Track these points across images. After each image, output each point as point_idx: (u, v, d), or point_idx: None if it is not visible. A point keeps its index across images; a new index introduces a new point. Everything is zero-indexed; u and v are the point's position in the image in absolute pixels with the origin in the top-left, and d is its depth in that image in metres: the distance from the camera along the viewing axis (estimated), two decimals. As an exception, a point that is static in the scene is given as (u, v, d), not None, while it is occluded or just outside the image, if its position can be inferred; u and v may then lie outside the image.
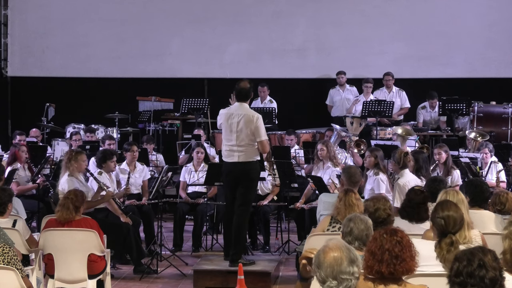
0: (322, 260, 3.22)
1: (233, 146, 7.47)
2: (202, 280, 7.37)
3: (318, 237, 5.88)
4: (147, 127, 12.73)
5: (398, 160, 7.59)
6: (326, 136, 11.11)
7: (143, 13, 14.06)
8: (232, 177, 7.54)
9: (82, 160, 7.76)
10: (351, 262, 3.20)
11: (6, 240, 5.42)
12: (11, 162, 9.16)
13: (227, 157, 7.57)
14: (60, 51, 14.17)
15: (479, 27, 13.52)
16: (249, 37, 13.91)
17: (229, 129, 7.50)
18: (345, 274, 3.18)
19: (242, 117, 7.45)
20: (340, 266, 3.19)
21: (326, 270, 3.21)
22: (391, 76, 12.53)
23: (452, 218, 4.44)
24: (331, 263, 3.20)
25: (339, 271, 3.19)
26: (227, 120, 7.52)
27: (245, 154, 7.45)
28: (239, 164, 7.47)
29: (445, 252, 4.34)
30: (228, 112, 7.57)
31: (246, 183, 7.51)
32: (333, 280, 3.19)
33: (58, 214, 6.24)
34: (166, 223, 9.44)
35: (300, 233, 8.88)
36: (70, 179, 7.58)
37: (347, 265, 3.19)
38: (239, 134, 7.43)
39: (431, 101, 12.44)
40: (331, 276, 3.19)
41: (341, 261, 3.20)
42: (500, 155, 9.87)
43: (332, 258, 3.21)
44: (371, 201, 5.15)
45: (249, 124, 7.42)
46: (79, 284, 6.28)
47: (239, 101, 7.56)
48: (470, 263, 3.21)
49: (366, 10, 13.70)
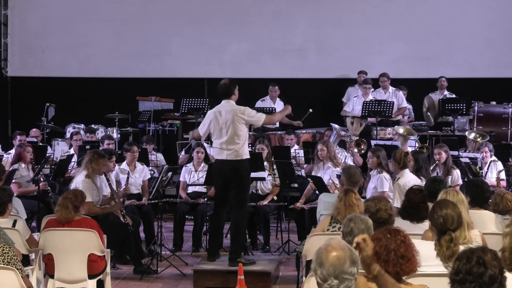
0: (324, 259, 3.22)
1: (222, 143, 7.46)
2: (202, 280, 7.37)
3: (318, 237, 5.88)
4: (147, 127, 12.73)
5: (398, 160, 7.59)
6: (326, 136, 11.11)
7: (143, 13, 14.06)
8: (222, 174, 7.52)
9: (103, 164, 7.81)
10: (353, 262, 3.20)
11: (6, 240, 5.42)
12: (15, 162, 9.17)
13: (217, 155, 7.60)
14: (60, 51, 14.18)
15: (479, 27, 13.52)
16: (249, 37, 13.92)
17: (218, 126, 7.50)
18: (347, 274, 3.18)
19: (230, 113, 7.45)
20: (343, 266, 3.19)
21: (329, 269, 3.21)
22: (386, 77, 12.51)
23: (450, 216, 4.45)
24: (334, 262, 3.20)
25: (342, 271, 3.19)
26: (215, 117, 7.52)
27: (234, 152, 7.43)
28: (228, 162, 7.46)
29: (444, 249, 4.35)
30: (216, 109, 7.58)
31: (237, 182, 7.49)
32: (335, 279, 3.19)
33: (58, 214, 6.24)
34: (166, 223, 9.44)
35: (300, 233, 8.87)
36: (86, 181, 7.61)
37: (349, 265, 3.19)
38: (227, 130, 7.43)
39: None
40: (333, 275, 3.19)
41: (344, 260, 3.20)
42: (500, 155, 9.87)
43: (335, 257, 3.21)
44: (372, 202, 5.15)
45: (237, 118, 7.42)
46: (79, 284, 6.27)
47: (224, 99, 7.58)
48: (469, 261, 3.23)
49: (366, 10, 13.70)
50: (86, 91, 13.84)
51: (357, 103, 12.01)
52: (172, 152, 11.13)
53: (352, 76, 13.11)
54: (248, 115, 7.47)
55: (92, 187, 7.64)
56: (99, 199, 7.77)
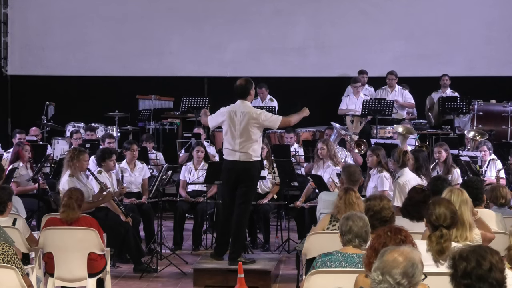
0: (385, 254, 3.23)
1: (235, 145, 7.35)
2: (202, 278, 7.37)
3: (318, 235, 5.88)
4: (147, 125, 12.73)
5: (397, 159, 7.59)
6: (326, 134, 11.10)
7: (143, 11, 14.06)
8: (233, 174, 7.43)
9: (84, 159, 7.72)
10: (405, 274, 3.17)
11: (6, 239, 5.42)
12: (13, 161, 9.16)
13: (228, 155, 7.46)
14: (60, 50, 14.18)
15: (479, 26, 13.52)
16: (249, 36, 13.92)
17: (232, 127, 7.38)
18: (391, 277, 3.16)
19: (245, 115, 7.34)
20: (393, 269, 3.17)
21: (381, 263, 3.22)
22: (394, 75, 12.49)
23: (443, 213, 4.46)
24: (389, 261, 3.20)
25: (389, 272, 3.17)
26: (229, 117, 7.39)
27: (246, 154, 7.34)
28: (240, 163, 7.37)
29: (434, 244, 4.36)
30: (231, 109, 7.45)
31: (247, 183, 7.41)
32: (380, 275, 3.19)
33: (64, 214, 6.19)
34: (166, 222, 9.43)
35: (300, 232, 8.87)
36: (71, 180, 7.52)
37: (399, 273, 3.16)
38: (242, 132, 7.33)
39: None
40: (380, 271, 3.19)
41: (397, 265, 3.18)
42: (500, 154, 9.87)
43: (394, 258, 3.20)
44: (375, 200, 5.13)
45: (253, 122, 7.32)
46: (79, 283, 6.28)
47: (240, 99, 7.48)
48: (480, 265, 3.16)
49: (366, 9, 13.71)
50: (86, 90, 13.85)
51: (351, 102, 12.05)
52: (172, 150, 11.13)
53: (352, 74, 13.09)
54: (263, 119, 7.36)
55: (79, 184, 7.52)
56: (88, 195, 7.62)
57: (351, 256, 4.40)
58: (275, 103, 12.30)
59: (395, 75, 12.52)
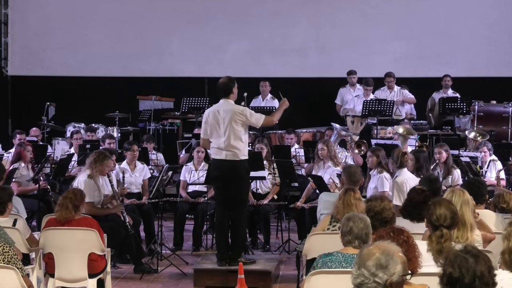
0: (365, 249, 3.26)
1: (221, 143, 7.31)
2: (202, 279, 7.37)
3: (318, 236, 5.88)
4: (148, 126, 12.73)
5: (396, 160, 7.59)
6: (326, 135, 11.11)
7: (144, 12, 14.07)
8: (220, 174, 7.37)
9: (107, 165, 7.77)
10: (379, 266, 3.17)
11: (7, 239, 5.42)
12: (15, 161, 9.17)
13: (215, 155, 7.43)
14: (60, 50, 14.18)
15: (480, 26, 13.52)
16: (249, 36, 13.92)
17: (216, 125, 7.34)
18: (366, 270, 3.18)
19: (228, 112, 7.28)
20: (366, 261, 3.19)
21: (357, 258, 3.25)
22: (392, 77, 12.48)
23: (443, 213, 4.46)
24: (364, 254, 3.23)
25: (363, 265, 3.20)
26: (213, 116, 7.35)
27: (233, 153, 7.29)
28: (227, 162, 7.31)
29: (434, 244, 4.37)
30: (214, 109, 7.42)
31: (236, 183, 7.34)
32: (357, 270, 3.21)
33: (58, 213, 6.23)
34: (167, 222, 9.44)
35: (301, 232, 8.88)
36: (88, 181, 7.60)
37: (373, 265, 3.17)
38: (225, 130, 7.27)
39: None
40: (357, 265, 3.22)
41: (369, 257, 3.20)
42: (500, 154, 9.87)
43: (368, 251, 3.23)
44: (376, 201, 5.14)
45: (236, 118, 7.25)
46: (79, 283, 6.28)
47: (223, 98, 7.42)
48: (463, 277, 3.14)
49: (367, 10, 13.71)
50: (86, 90, 13.85)
51: (358, 103, 12.03)
52: (173, 151, 11.13)
53: (352, 75, 13.11)
54: (246, 116, 7.30)
55: (94, 187, 7.63)
56: (100, 199, 7.76)
57: (352, 257, 4.40)
58: (275, 103, 12.29)
59: (393, 76, 12.50)
